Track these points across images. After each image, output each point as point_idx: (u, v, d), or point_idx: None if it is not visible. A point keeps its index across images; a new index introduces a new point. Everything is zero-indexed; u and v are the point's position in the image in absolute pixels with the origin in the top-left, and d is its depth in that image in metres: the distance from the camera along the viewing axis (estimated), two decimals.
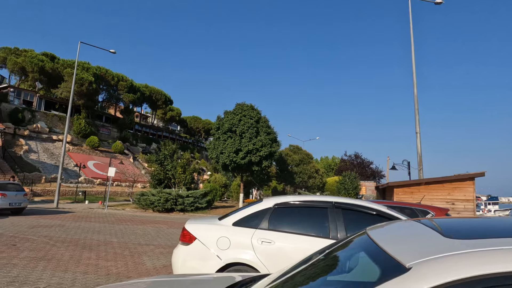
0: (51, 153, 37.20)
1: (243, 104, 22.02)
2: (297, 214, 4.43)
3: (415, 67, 15.48)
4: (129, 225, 13.47)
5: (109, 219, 15.48)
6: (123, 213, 19.99)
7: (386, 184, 10.47)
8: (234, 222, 4.38)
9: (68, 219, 14.53)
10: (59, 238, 9.52)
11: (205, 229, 4.41)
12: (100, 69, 49.09)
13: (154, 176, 26.38)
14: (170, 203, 21.22)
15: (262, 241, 4.09)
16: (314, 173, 27.63)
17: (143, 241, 9.67)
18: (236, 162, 20.39)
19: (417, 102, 15.12)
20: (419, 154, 14.66)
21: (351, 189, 22.40)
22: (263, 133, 21.08)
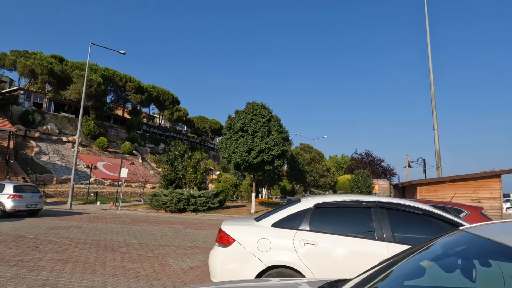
0: (61, 155, 37.44)
1: (254, 103, 21.88)
2: (338, 214, 4.30)
3: (431, 62, 15.23)
4: (146, 226, 13.43)
5: (125, 220, 15.47)
6: (136, 213, 20.00)
7: (408, 182, 10.25)
8: (274, 223, 4.25)
9: (84, 220, 14.54)
10: (80, 240, 9.49)
11: (244, 230, 4.30)
12: (108, 70, 49.34)
13: (165, 176, 26.35)
14: (183, 203, 21.19)
15: (305, 243, 3.96)
16: (326, 171, 27.41)
17: (163, 242, 9.60)
18: (249, 162, 20.26)
19: (434, 99, 14.87)
20: (437, 151, 14.41)
21: (364, 187, 22.16)
22: (275, 132, 20.92)
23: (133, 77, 53.30)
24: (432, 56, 15.61)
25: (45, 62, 41.68)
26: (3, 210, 14.16)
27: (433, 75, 15.13)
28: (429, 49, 15.35)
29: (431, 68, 15.22)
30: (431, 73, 15.16)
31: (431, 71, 15.19)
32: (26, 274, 5.74)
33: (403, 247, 3.81)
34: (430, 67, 15.25)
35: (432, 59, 15.51)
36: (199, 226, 14.05)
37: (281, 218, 4.28)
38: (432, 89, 15.01)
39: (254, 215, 20.85)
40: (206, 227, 13.78)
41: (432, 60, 15.35)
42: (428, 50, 15.36)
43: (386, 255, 3.79)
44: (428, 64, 15.30)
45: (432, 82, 15.08)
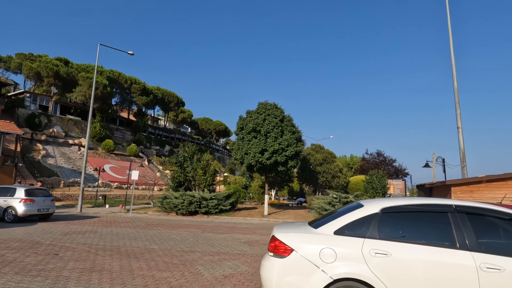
0: (68, 158, 37.13)
1: (266, 103, 21.45)
2: (410, 220, 3.83)
3: (453, 56, 14.74)
4: (162, 230, 13.00)
5: (138, 224, 15.05)
6: (148, 216, 19.59)
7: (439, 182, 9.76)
8: (336, 230, 3.80)
9: (97, 225, 14.13)
10: (98, 246, 9.07)
11: (303, 239, 3.84)
12: (113, 72, 49.11)
13: (174, 178, 25.94)
14: (194, 206, 20.76)
15: (376, 253, 3.51)
16: (338, 172, 26.90)
17: (185, 248, 9.16)
18: (262, 163, 19.82)
19: (457, 95, 14.37)
20: (462, 150, 13.91)
21: (379, 188, 21.66)
22: (288, 132, 20.48)
23: (138, 79, 53.07)
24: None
25: (51, 65, 41.46)
26: (15, 215, 13.77)
27: (456, 71, 14.65)
28: (451, 42, 14.86)
29: (453, 63, 14.73)
30: (453, 69, 14.67)
31: (453, 67, 14.69)
32: (52, 286, 5.31)
33: (492, 257, 3.36)
34: (452, 62, 14.76)
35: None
36: (217, 230, 13.61)
37: (344, 225, 3.83)
38: (455, 85, 14.52)
39: (267, 217, 20.40)
40: (223, 231, 13.34)
41: (454, 57, 14.88)
42: (450, 43, 14.87)
43: (472, 266, 3.34)
44: (451, 61, 14.82)
45: (455, 78, 14.58)
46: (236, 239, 11.14)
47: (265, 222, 18.69)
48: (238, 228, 14.71)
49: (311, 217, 20.21)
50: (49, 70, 40.96)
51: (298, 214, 21.97)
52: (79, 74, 42.30)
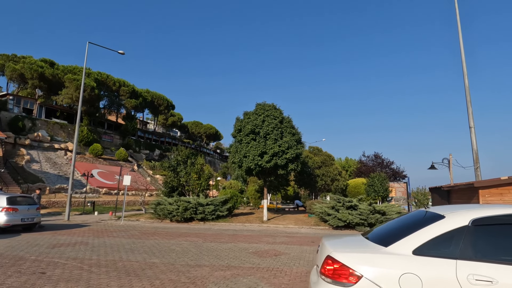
0: (53, 163, 35.51)
1: (265, 104, 20.62)
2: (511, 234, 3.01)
3: (463, 53, 14.19)
4: (159, 240, 11.97)
5: (132, 233, 13.95)
6: (141, 224, 18.45)
7: (463, 184, 9.07)
8: (415, 249, 2.95)
9: (88, 235, 12.99)
10: (92, 261, 8.02)
11: (374, 261, 2.97)
12: (101, 74, 47.63)
13: (167, 183, 24.83)
14: (190, 212, 19.71)
15: (476, 279, 2.67)
16: (337, 175, 26.20)
17: (190, 261, 8.19)
18: (261, 166, 18.94)
19: (469, 94, 13.81)
20: (475, 151, 13.34)
21: (382, 191, 21.03)
22: (288, 134, 19.68)
23: (127, 82, 51.64)
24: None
25: (35, 66, 39.81)
26: None
27: (466, 69, 14.10)
28: (461, 40, 14.32)
29: (463, 61, 14.18)
30: (464, 67, 14.11)
31: (464, 65, 14.14)
32: None
33: None
34: (463, 60, 14.21)
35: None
36: (218, 239, 12.64)
37: (424, 242, 2.97)
38: (466, 83, 13.96)
39: (267, 223, 19.49)
40: (226, 239, 12.38)
41: (464, 55, 14.34)
42: (459, 41, 14.33)
43: None
44: (461, 58, 14.27)
45: (466, 76, 14.03)
46: (242, 249, 10.21)
47: (265, 228, 17.78)
48: (240, 236, 13.77)
49: (312, 222, 19.40)
50: (33, 71, 39.32)
51: (298, 219, 21.13)
52: (66, 76, 40.73)
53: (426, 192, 18.88)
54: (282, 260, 8.49)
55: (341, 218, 17.03)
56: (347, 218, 16.81)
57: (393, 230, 3.55)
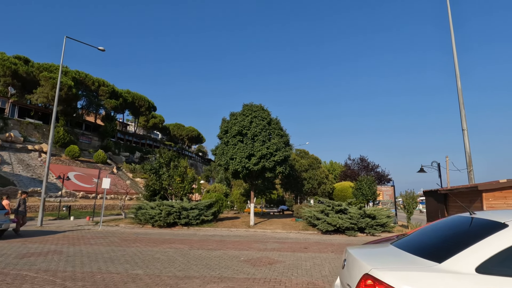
0: (26, 165, 33.62)
1: (252, 105, 20.01)
2: None
3: (456, 54, 14.04)
4: (141, 247, 11.09)
5: (112, 240, 12.97)
6: (121, 230, 17.40)
7: (465, 187, 8.68)
8: (478, 266, 2.38)
9: (62, 242, 11.94)
10: (66, 274, 7.13)
11: (429, 282, 2.36)
12: (79, 73, 45.83)
13: (148, 186, 23.77)
14: (173, 217, 18.81)
15: None
16: (324, 178, 25.81)
17: (178, 272, 7.42)
18: (249, 169, 18.27)
19: (461, 96, 13.65)
20: (468, 153, 13.15)
21: (370, 194, 20.75)
22: (276, 136, 19.13)
23: (107, 81, 49.96)
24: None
25: (8, 63, 37.80)
26: None
27: (459, 70, 13.96)
28: (453, 40, 14.18)
29: (456, 62, 14.04)
30: (456, 69, 13.96)
31: (456, 67, 13.99)
32: None
33: None
34: (455, 61, 14.07)
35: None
36: (206, 245, 11.87)
37: (489, 258, 2.40)
38: (459, 85, 13.80)
39: (254, 228, 18.83)
40: (214, 246, 11.63)
41: (456, 56, 14.19)
42: (452, 41, 14.19)
43: None
44: (453, 60, 14.11)
45: (458, 77, 13.88)
46: (233, 257, 9.50)
47: (253, 233, 17.10)
48: (228, 242, 13.04)
49: (300, 227, 18.87)
50: (6, 68, 37.31)
51: (285, 223, 20.56)
52: (41, 74, 38.87)
53: (415, 195, 18.70)
54: (278, 269, 7.85)
55: (331, 223, 16.57)
56: (337, 223, 16.36)
57: (435, 241, 2.99)
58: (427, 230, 3.42)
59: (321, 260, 9.09)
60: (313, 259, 9.33)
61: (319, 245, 12.45)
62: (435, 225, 3.49)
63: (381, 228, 16.71)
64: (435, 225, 3.49)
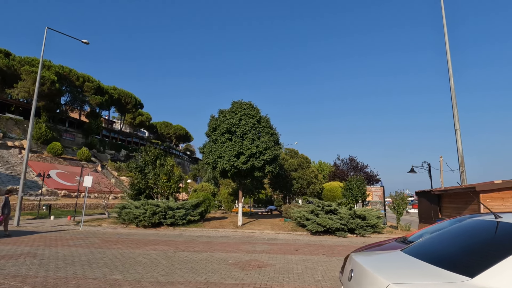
0: (5, 162, 32.33)
1: (241, 102, 19.51)
2: None
3: (449, 54, 13.85)
4: (123, 249, 10.48)
5: (92, 241, 12.30)
6: (103, 230, 16.68)
7: (461, 188, 8.40)
8: None
9: (38, 244, 11.23)
10: (37, 279, 6.52)
11: None
12: (63, 68, 44.48)
13: (133, 185, 23.05)
14: (158, 217, 18.17)
15: None
16: (314, 178, 25.50)
17: (161, 277, 6.89)
18: (237, 167, 17.78)
19: (454, 96, 13.46)
20: (460, 154, 12.95)
21: (359, 195, 20.52)
22: (265, 134, 18.69)
23: (92, 77, 48.67)
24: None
25: None
26: None
27: (452, 70, 13.77)
28: (447, 41, 14.00)
29: (449, 62, 13.85)
30: (450, 69, 13.77)
31: (449, 67, 13.81)
32: None
33: None
34: (448, 61, 13.88)
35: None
36: (192, 247, 11.33)
37: None
38: (452, 85, 13.61)
39: (242, 228, 18.35)
40: (200, 248, 11.11)
41: (450, 56, 14.00)
42: (445, 42, 14.00)
43: None
44: (447, 60, 13.92)
45: (452, 77, 13.69)
46: (220, 260, 9.00)
47: (241, 234, 16.62)
48: (215, 243, 12.53)
49: (290, 227, 18.49)
50: None
51: (274, 224, 20.15)
52: (23, 67, 37.51)
53: (405, 196, 18.53)
54: (268, 274, 7.40)
55: (321, 223, 16.22)
56: (327, 223, 16.02)
57: (458, 249, 2.58)
58: (443, 236, 3.02)
59: (313, 263, 8.68)
60: (305, 262, 8.92)
61: (310, 246, 12.06)
62: (451, 229, 3.09)
63: (371, 229, 16.46)
64: (451, 229, 3.09)
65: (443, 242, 2.86)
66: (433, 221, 10.77)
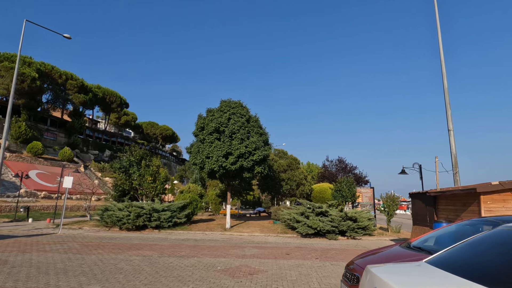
0: None
1: (230, 101, 18.96)
2: None
3: (442, 54, 13.65)
4: (104, 254, 9.79)
5: (71, 246, 11.54)
6: (84, 233, 15.85)
7: (463, 188, 8.07)
8: None
9: (11, 249, 10.42)
10: None
11: None
12: (45, 65, 43.01)
13: (117, 186, 22.19)
14: (143, 219, 17.44)
15: None
16: (303, 179, 25.13)
17: (143, 287, 6.29)
18: (226, 168, 17.21)
19: (447, 95, 13.25)
20: (454, 155, 12.75)
21: (350, 196, 20.23)
22: (255, 134, 18.19)
23: (75, 75, 47.25)
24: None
25: None
26: None
27: (445, 70, 13.57)
28: (439, 36, 13.80)
29: (443, 62, 13.64)
30: (443, 68, 13.57)
31: (443, 66, 13.60)
32: None
33: None
34: (442, 60, 13.67)
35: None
36: (178, 251, 10.72)
37: None
38: (445, 85, 13.39)
39: (230, 231, 17.80)
40: (187, 252, 10.51)
41: (443, 54, 13.80)
42: (439, 40, 13.80)
43: None
44: (440, 59, 13.72)
45: (445, 76, 13.49)
46: (209, 266, 8.44)
47: (229, 237, 16.06)
48: (203, 247, 11.94)
49: (279, 230, 18.03)
50: None
51: (263, 226, 19.66)
52: (2, 63, 36.00)
53: (395, 197, 18.31)
54: (261, 281, 6.89)
55: (311, 226, 15.81)
56: (318, 225, 15.62)
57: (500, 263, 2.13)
58: (474, 246, 2.57)
59: (306, 269, 8.21)
60: (298, 267, 8.44)
61: (301, 250, 11.61)
62: (482, 238, 2.64)
63: (362, 231, 16.14)
64: (482, 238, 2.64)
65: (479, 254, 2.41)
66: (429, 224, 10.45)
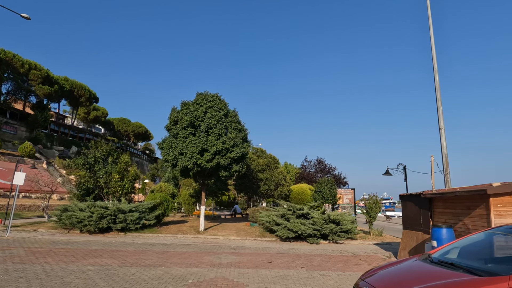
0: None
1: (207, 94, 17.59)
2: None
3: (434, 50, 12.98)
4: (52, 264, 8.22)
5: (15, 252, 9.82)
6: (37, 237, 13.99)
7: (468, 189, 7.24)
8: None
9: None
10: None
11: None
12: (5, 52, 39.73)
13: (80, 184, 20.25)
14: (107, 221, 15.76)
15: None
16: (282, 180, 24.06)
17: None
18: (201, 166, 15.83)
19: (439, 91, 12.57)
20: (445, 154, 12.06)
21: (330, 197, 19.40)
22: (233, 130, 16.92)
23: (40, 65, 44.07)
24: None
25: None
26: None
27: (437, 67, 12.89)
28: (432, 36, 13.12)
29: (434, 58, 12.97)
30: (435, 65, 12.89)
31: (434, 62, 12.93)
32: None
33: None
34: (433, 57, 12.99)
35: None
36: (143, 259, 9.28)
37: None
38: (437, 80, 12.72)
39: (203, 234, 16.44)
40: (154, 260, 9.10)
41: (434, 50, 13.13)
42: (430, 37, 13.11)
43: None
44: (432, 55, 13.03)
45: (436, 71, 12.82)
46: (178, 278, 7.11)
47: (203, 240, 14.72)
48: (172, 253, 10.54)
49: (257, 233, 16.87)
50: None
51: (239, 228, 18.42)
52: None
53: (378, 199, 17.62)
54: None
55: (292, 229, 14.74)
56: (299, 228, 14.57)
57: None
58: None
59: (294, 282, 7.06)
60: (283, 279, 7.28)
61: (284, 257, 10.47)
62: None
63: (345, 234, 15.27)
64: None
65: None
66: (423, 228, 9.61)
